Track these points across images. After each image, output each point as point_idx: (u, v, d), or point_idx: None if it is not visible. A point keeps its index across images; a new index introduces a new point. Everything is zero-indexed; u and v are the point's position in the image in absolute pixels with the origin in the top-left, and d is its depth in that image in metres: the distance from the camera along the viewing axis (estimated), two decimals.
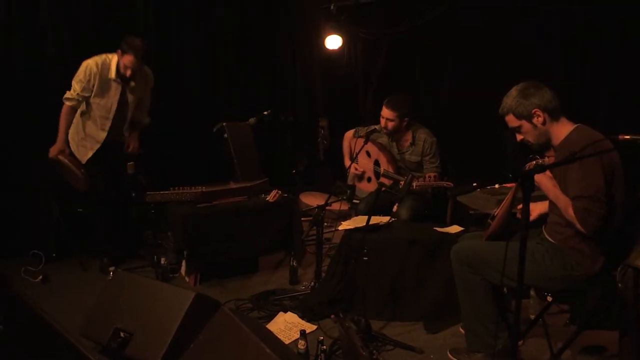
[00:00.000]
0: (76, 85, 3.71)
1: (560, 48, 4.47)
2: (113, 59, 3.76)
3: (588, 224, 2.22)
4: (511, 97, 2.43)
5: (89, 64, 3.71)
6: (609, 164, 2.25)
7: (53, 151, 3.73)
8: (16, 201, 4.19)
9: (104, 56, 3.77)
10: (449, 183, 3.45)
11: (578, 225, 2.24)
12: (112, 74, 3.75)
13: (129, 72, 3.72)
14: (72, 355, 1.97)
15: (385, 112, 3.82)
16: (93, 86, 3.72)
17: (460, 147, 4.84)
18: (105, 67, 3.74)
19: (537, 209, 2.67)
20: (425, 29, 5.23)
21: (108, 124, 3.87)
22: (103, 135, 3.87)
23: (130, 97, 3.90)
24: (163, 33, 5.03)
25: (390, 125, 3.82)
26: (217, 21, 5.41)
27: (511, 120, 2.46)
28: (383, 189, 3.18)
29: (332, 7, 5.56)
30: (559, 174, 2.36)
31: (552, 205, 2.44)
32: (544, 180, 2.36)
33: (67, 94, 3.73)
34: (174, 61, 5.13)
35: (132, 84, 3.86)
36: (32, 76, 4.30)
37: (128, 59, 3.65)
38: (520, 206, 2.57)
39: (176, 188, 3.80)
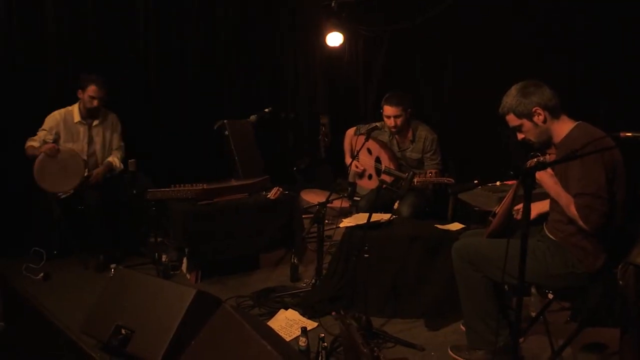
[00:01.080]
0: (40, 133, 3.96)
1: (560, 47, 4.46)
2: (75, 107, 4.05)
3: (590, 221, 2.22)
4: (511, 97, 2.43)
5: (54, 114, 4.00)
6: (611, 162, 2.25)
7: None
8: (17, 199, 4.19)
9: (67, 107, 4.05)
10: (450, 179, 3.44)
11: (580, 223, 2.23)
12: (76, 118, 4.03)
13: (95, 102, 3.97)
14: (73, 353, 1.98)
15: (390, 110, 3.81)
16: (56, 133, 3.98)
17: (461, 144, 4.84)
18: (68, 114, 4.03)
19: (537, 208, 2.67)
20: (426, 27, 5.22)
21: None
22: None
23: (96, 136, 4.13)
24: (163, 33, 5.03)
25: (399, 121, 3.82)
26: (217, 21, 5.40)
27: (512, 120, 2.46)
28: (384, 186, 3.18)
29: (333, 4, 5.56)
30: (560, 172, 2.36)
31: (554, 202, 2.44)
32: (545, 177, 2.37)
33: (30, 139, 3.94)
34: (174, 61, 5.12)
35: (96, 122, 4.08)
36: (32, 77, 4.30)
37: (92, 89, 3.93)
38: (518, 206, 2.58)
39: (177, 185, 3.80)
